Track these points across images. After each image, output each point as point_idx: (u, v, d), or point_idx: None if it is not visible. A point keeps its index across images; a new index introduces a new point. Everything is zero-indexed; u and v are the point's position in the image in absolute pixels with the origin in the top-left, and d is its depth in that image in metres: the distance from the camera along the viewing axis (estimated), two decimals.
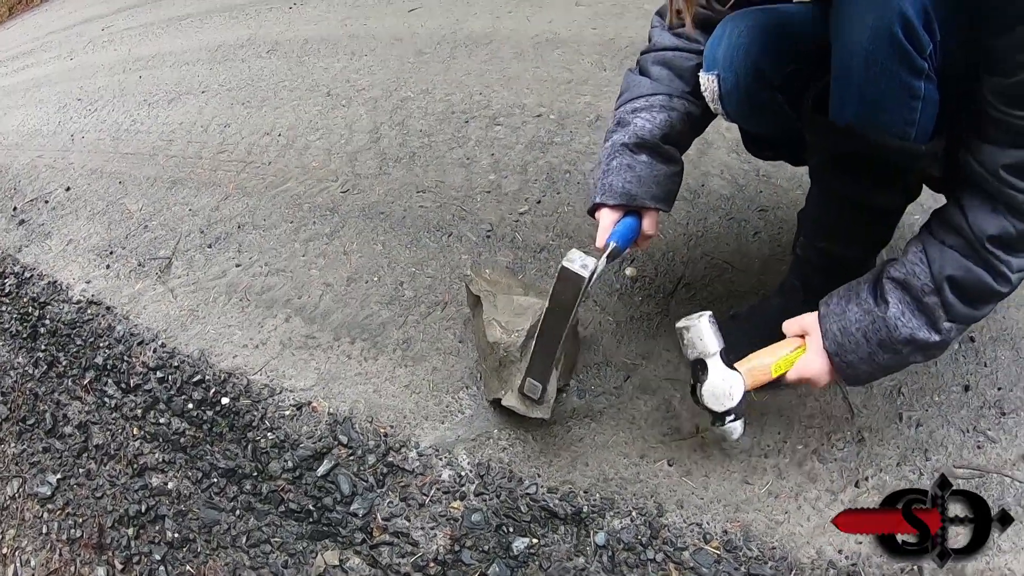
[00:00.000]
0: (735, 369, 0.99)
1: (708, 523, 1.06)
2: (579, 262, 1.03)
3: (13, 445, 1.88)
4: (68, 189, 2.66)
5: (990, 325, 1.33)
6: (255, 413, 1.40)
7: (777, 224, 1.50)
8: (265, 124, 2.58)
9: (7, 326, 2.21)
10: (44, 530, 1.67)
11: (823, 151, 1.03)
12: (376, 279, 1.66)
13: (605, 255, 1.07)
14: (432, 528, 1.14)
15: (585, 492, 1.13)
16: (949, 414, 1.22)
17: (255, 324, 1.64)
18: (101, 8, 5.90)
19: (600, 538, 1.07)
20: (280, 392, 1.43)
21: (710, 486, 1.11)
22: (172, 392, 1.56)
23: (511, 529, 1.11)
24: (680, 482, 1.12)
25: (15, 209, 2.73)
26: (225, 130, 2.62)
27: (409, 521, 1.16)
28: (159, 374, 1.61)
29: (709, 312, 1.01)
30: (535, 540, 1.09)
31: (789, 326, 1.02)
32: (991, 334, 1.32)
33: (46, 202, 2.67)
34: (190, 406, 1.51)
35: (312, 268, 1.77)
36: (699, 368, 1.00)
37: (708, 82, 1.05)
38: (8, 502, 1.78)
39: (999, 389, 1.25)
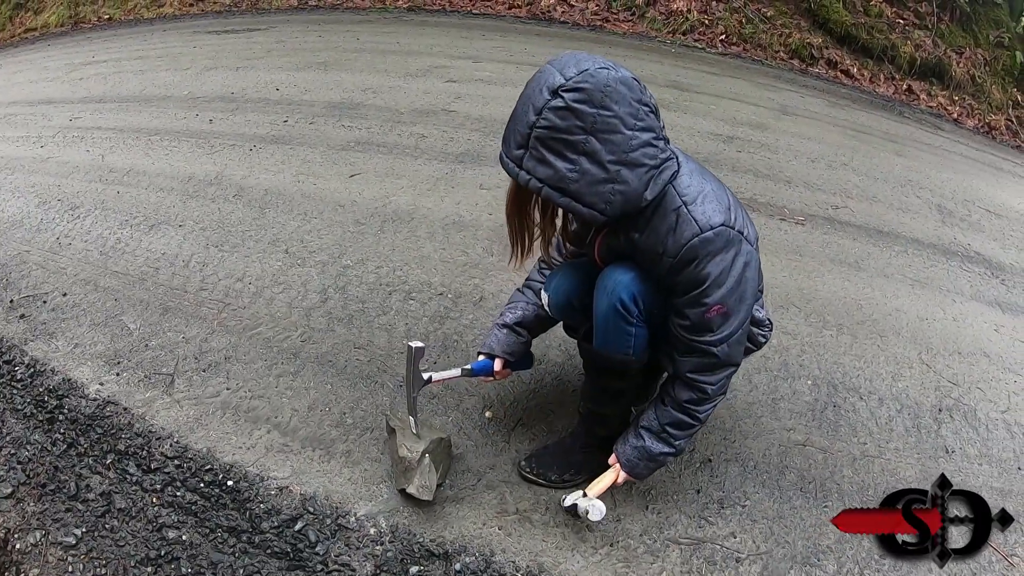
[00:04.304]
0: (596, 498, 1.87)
1: (517, 561, 1.97)
2: (416, 343, 1.95)
3: (33, 504, 2.21)
4: (65, 295, 2.96)
5: (727, 450, 2.16)
6: (251, 492, 2.17)
7: None
8: (237, 270, 3.04)
9: (21, 408, 2.48)
10: (69, 570, 2.04)
11: (588, 359, 2.02)
12: (328, 409, 2.37)
13: (462, 369, 2.03)
14: (364, 561, 2.00)
15: (451, 542, 2.02)
16: (682, 507, 2.01)
17: (246, 433, 2.28)
18: (63, 89, 6.09)
19: (457, 566, 1.97)
20: (267, 479, 2.19)
21: (521, 539, 2.02)
22: (187, 474, 2.24)
23: (408, 561, 1.99)
24: (505, 538, 2.03)
25: (11, 302, 2.98)
26: (204, 269, 3.07)
27: (350, 557, 2.02)
28: (176, 461, 2.26)
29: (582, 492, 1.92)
30: (422, 568, 1.98)
31: (611, 460, 1.92)
32: (726, 457, 2.14)
33: (44, 302, 2.94)
34: (202, 484, 2.19)
35: (283, 397, 2.40)
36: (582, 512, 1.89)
37: (544, 298, 2.04)
38: (30, 548, 2.11)
39: (723, 492, 2.03)
